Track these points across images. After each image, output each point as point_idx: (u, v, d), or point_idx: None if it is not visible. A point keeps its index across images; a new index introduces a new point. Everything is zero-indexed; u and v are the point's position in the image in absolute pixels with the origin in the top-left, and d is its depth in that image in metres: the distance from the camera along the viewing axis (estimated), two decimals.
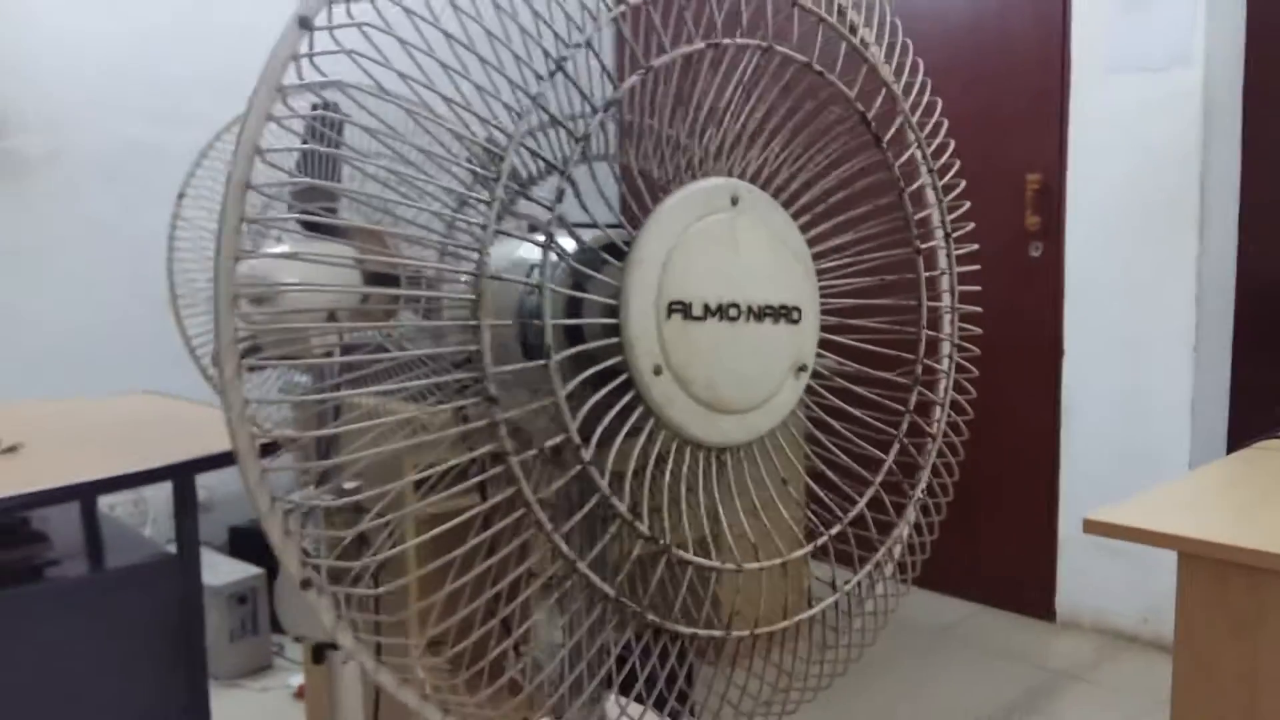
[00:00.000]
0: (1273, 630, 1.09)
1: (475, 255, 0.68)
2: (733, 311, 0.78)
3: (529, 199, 0.74)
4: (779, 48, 0.80)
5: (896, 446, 0.84)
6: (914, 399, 0.84)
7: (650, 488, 0.75)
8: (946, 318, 0.88)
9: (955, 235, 0.84)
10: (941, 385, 0.88)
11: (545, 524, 0.69)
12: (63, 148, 2.75)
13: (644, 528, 0.74)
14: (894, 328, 0.82)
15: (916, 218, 0.84)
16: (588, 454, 0.71)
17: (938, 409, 0.87)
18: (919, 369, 0.83)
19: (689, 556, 0.78)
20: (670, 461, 0.76)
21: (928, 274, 0.84)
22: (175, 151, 2.90)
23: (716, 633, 0.80)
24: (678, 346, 0.74)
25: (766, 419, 0.81)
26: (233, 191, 0.63)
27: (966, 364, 0.88)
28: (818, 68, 0.84)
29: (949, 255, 0.85)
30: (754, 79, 0.81)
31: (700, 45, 0.76)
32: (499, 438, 0.68)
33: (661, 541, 0.76)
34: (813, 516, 0.87)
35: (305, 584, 0.67)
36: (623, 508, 0.74)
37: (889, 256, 0.84)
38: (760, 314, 0.80)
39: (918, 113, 0.83)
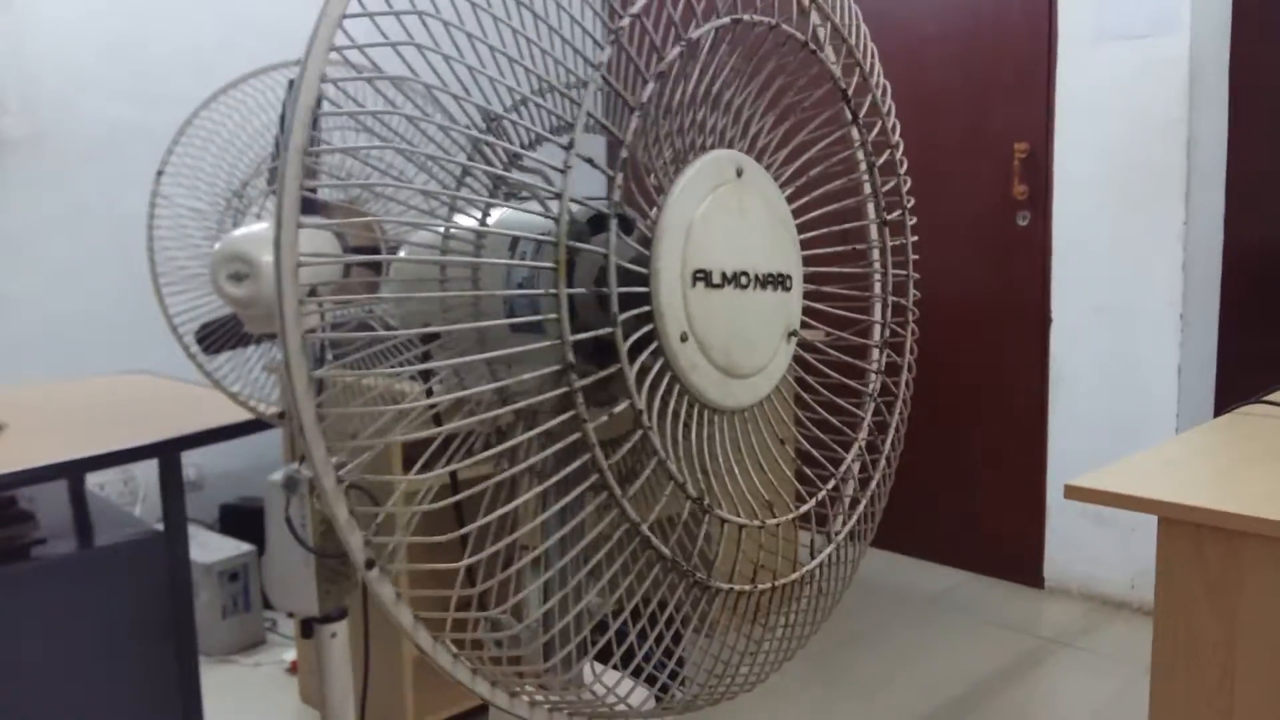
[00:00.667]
0: (1250, 594, 1.10)
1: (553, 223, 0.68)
2: (743, 279, 0.81)
3: (594, 166, 0.73)
4: (785, 26, 0.82)
5: (871, 405, 0.86)
6: (883, 360, 0.85)
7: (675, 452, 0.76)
8: (884, 283, 0.90)
9: (910, 206, 0.85)
10: (904, 348, 0.90)
11: (615, 489, 0.70)
12: (46, 130, 2.73)
13: (692, 490, 0.75)
14: (862, 294, 0.83)
15: (884, 190, 0.85)
16: (650, 420, 0.72)
17: (902, 370, 0.89)
18: (886, 333, 0.85)
19: (727, 515, 0.80)
20: (695, 425, 0.78)
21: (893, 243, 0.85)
22: (158, 131, 2.89)
23: (747, 587, 0.82)
24: (699, 314, 0.77)
25: (766, 383, 0.84)
26: (291, 157, 0.61)
27: (915, 326, 0.90)
28: (812, 46, 0.85)
29: (905, 227, 0.87)
30: (760, 55, 0.83)
31: (726, 20, 0.77)
32: (577, 405, 0.68)
33: (706, 502, 0.78)
34: (809, 473, 0.89)
35: (370, 564, 0.66)
36: (676, 471, 0.75)
37: (858, 225, 0.85)
38: (764, 282, 0.83)
39: (885, 95, 0.83)
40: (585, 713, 0.80)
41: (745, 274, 0.81)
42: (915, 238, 0.88)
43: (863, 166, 0.85)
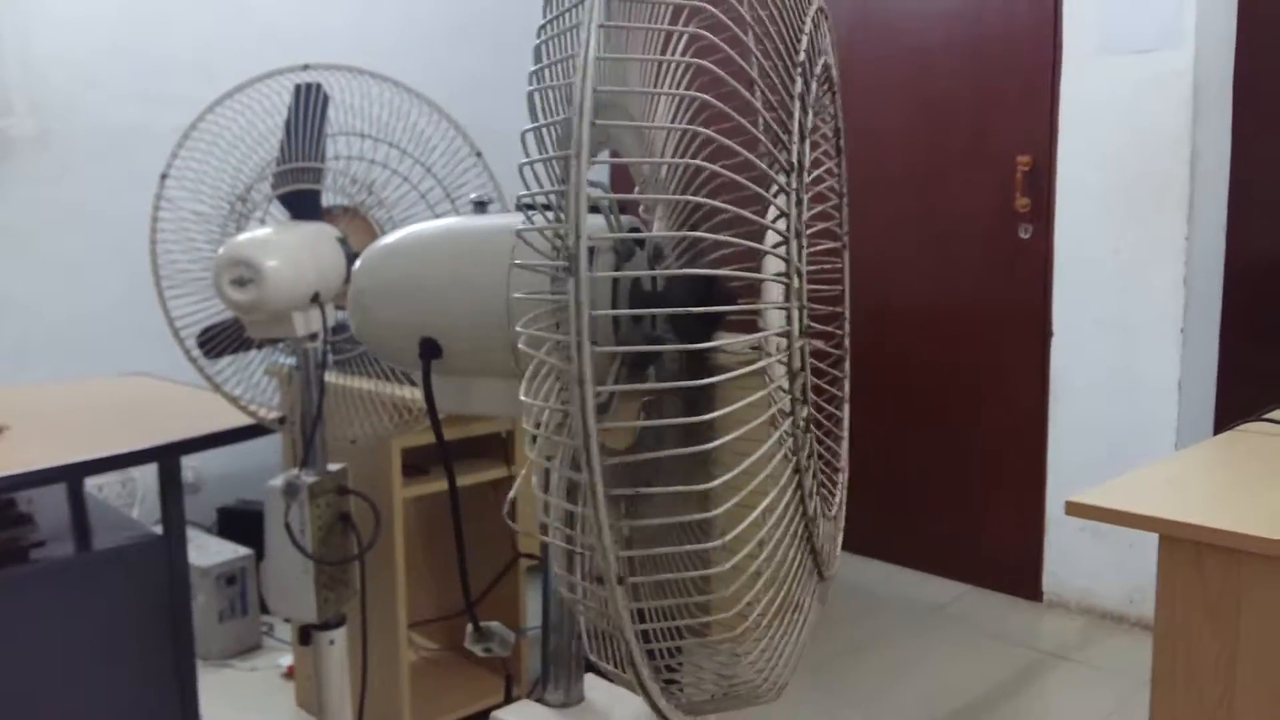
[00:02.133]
0: (1250, 611, 1.10)
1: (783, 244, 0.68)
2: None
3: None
4: (833, 69, 0.85)
5: (846, 407, 0.88)
6: (847, 364, 0.88)
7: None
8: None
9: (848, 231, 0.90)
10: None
11: (807, 483, 0.70)
12: (50, 130, 2.73)
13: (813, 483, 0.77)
14: (822, 307, 0.86)
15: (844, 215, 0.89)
16: (805, 412, 0.73)
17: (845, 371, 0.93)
18: (846, 341, 0.88)
19: (826, 512, 0.82)
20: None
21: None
22: (161, 133, 2.89)
23: (832, 573, 0.83)
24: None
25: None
26: (583, 165, 0.59)
27: None
28: (835, 86, 0.87)
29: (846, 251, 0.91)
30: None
31: (826, 57, 0.79)
32: (797, 410, 0.69)
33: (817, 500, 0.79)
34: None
35: (621, 579, 0.65)
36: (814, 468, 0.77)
37: (822, 246, 0.88)
38: None
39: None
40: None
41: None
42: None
43: (845, 191, 0.88)
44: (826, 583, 0.83)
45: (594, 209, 0.80)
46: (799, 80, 0.69)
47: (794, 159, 0.67)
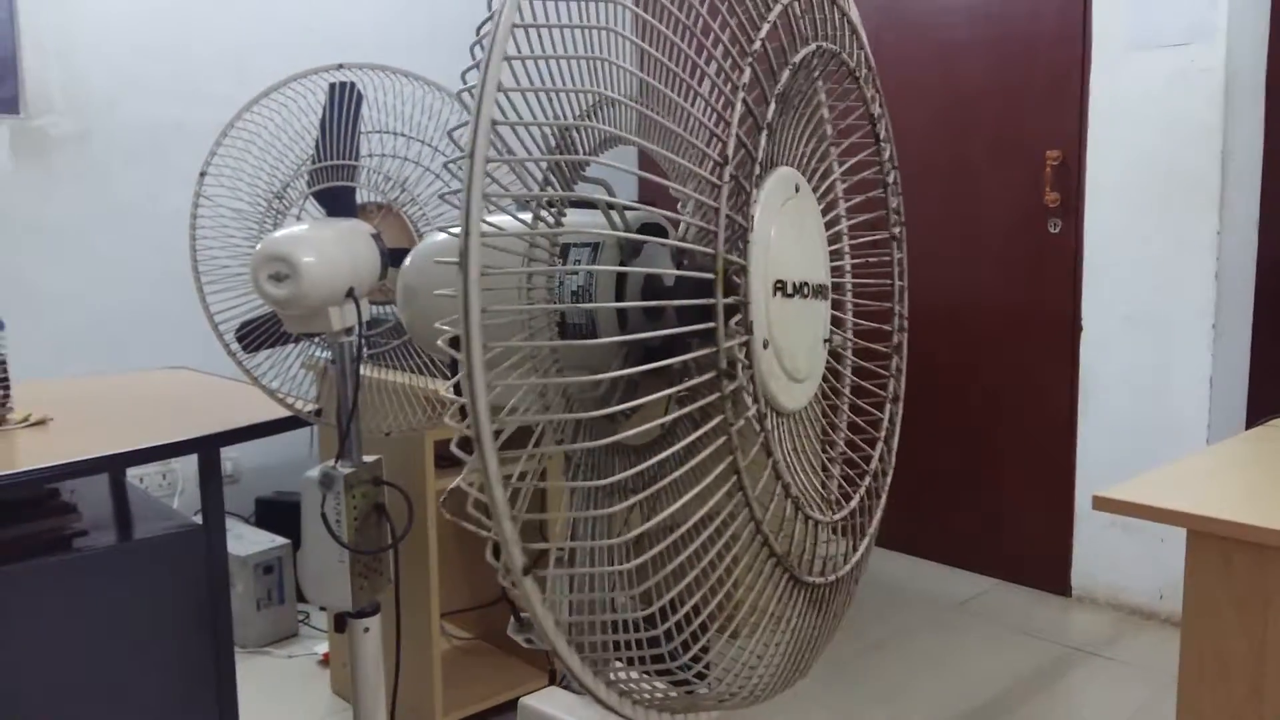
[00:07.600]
0: (1279, 608, 1.10)
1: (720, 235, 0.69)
2: (805, 289, 0.84)
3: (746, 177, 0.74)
4: (844, 56, 0.85)
5: (889, 407, 0.88)
6: (894, 364, 0.88)
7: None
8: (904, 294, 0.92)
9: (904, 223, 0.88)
10: (899, 356, 0.92)
11: (749, 488, 0.72)
12: (90, 128, 2.78)
13: (794, 491, 0.77)
14: (875, 304, 0.85)
15: (893, 206, 0.88)
16: (771, 424, 0.74)
17: (898, 373, 0.91)
18: (896, 339, 0.87)
19: (812, 514, 0.82)
20: (773, 428, 0.80)
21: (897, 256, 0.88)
22: (198, 131, 2.94)
23: (821, 579, 0.83)
24: (777, 322, 0.79)
25: (813, 386, 0.87)
26: (476, 166, 0.61)
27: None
28: (858, 74, 0.87)
29: (904, 242, 0.89)
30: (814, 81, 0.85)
31: (814, 46, 0.79)
32: (726, 410, 0.70)
33: (801, 502, 0.79)
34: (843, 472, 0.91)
35: (527, 570, 0.67)
36: (787, 474, 0.77)
37: (873, 237, 0.87)
38: (816, 291, 0.86)
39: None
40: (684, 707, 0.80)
41: (807, 284, 0.83)
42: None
43: (891, 181, 0.87)
44: (830, 588, 0.83)
45: (592, 205, 0.81)
46: (747, 69, 0.70)
47: (728, 152, 0.68)
